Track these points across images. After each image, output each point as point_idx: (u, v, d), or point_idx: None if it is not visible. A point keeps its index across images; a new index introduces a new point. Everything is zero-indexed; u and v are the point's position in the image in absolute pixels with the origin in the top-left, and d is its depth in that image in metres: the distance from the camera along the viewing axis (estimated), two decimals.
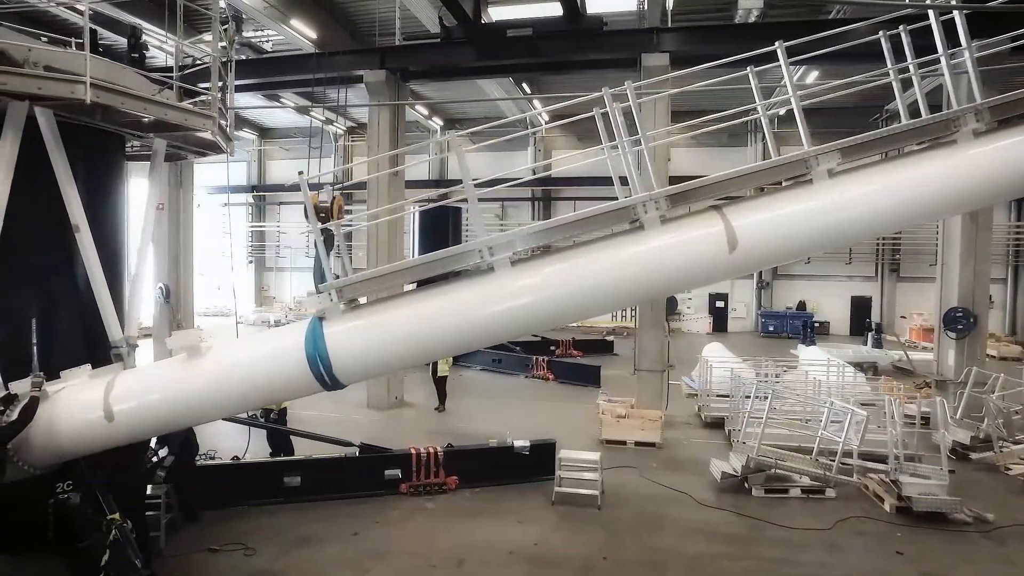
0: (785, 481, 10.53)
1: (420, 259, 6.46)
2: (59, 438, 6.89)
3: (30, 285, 8.13)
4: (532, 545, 8.73)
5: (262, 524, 9.15)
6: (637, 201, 6.49)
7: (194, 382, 6.74)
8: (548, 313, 6.68)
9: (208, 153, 10.65)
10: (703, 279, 6.91)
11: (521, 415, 15.38)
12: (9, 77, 6.92)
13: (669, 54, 13.90)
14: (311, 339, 6.47)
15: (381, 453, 10.37)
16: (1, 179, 7.32)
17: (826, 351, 19.46)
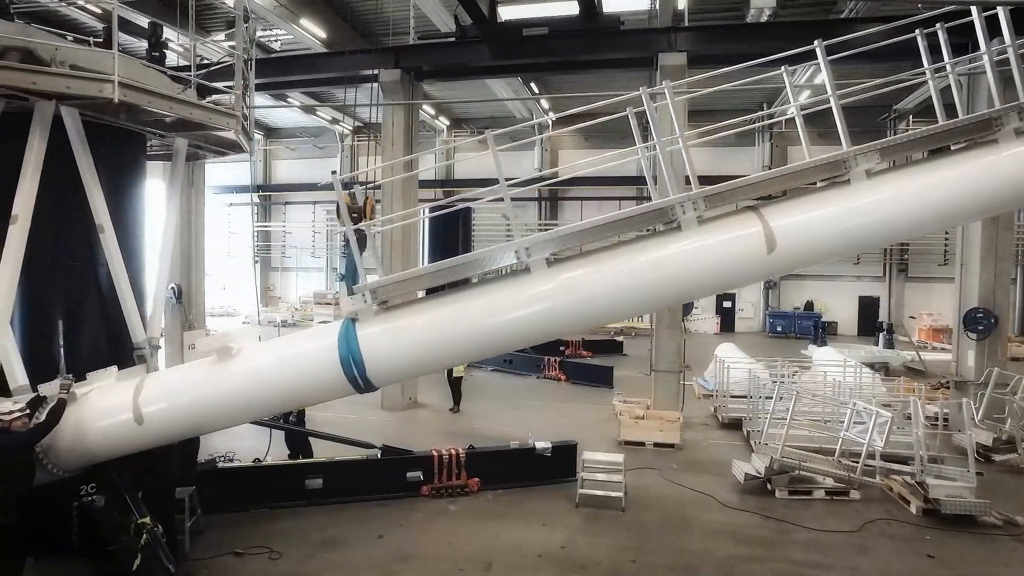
0: (808, 483, 10.46)
1: (458, 259, 6.39)
2: (88, 440, 6.83)
3: (53, 286, 8.09)
4: (559, 548, 8.66)
5: (286, 527, 9.07)
6: (676, 202, 6.43)
7: (225, 384, 6.68)
8: (586, 314, 6.61)
9: (227, 153, 10.61)
10: (740, 280, 6.85)
11: (536, 416, 15.33)
12: (39, 76, 6.87)
13: (686, 53, 13.77)
14: (344, 341, 6.40)
15: (403, 455, 10.29)
16: (29, 179, 7.27)
17: (839, 352, 19.38)
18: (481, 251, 6.38)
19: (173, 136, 9.47)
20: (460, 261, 6.41)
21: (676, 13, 17.60)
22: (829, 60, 6.55)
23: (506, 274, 6.70)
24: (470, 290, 6.60)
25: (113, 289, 8.40)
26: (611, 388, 18.73)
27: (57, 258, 8.02)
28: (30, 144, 7.30)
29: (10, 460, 6.23)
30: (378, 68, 15.11)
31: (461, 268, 6.40)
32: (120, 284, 8.40)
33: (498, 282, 6.61)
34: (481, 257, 6.36)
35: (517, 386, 18.90)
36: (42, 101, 7.28)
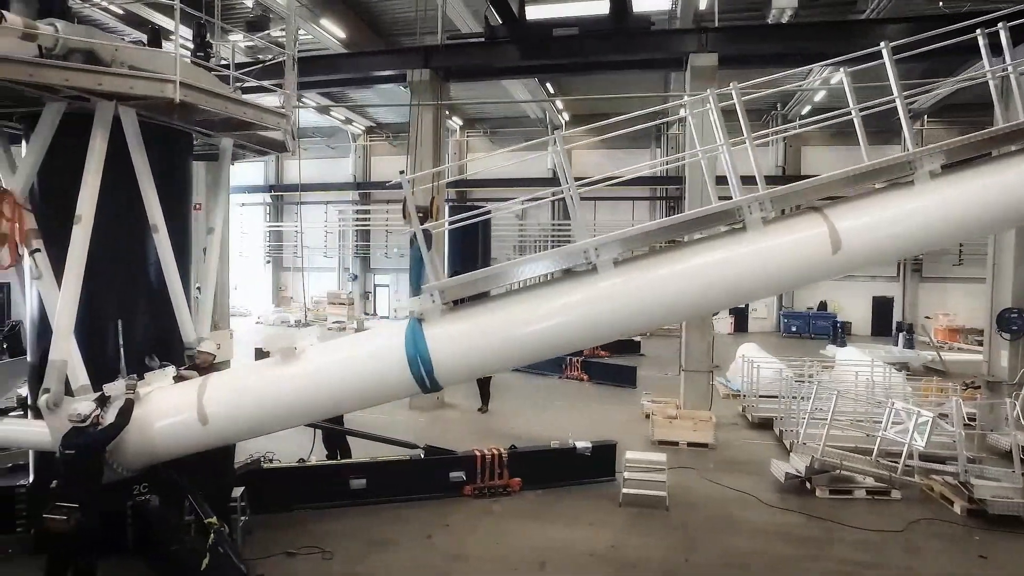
0: (849, 482, 10.48)
1: (528, 259, 6.40)
2: (153, 440, 6.85)
3: (108, 285, 8.08)
4: (609, 547, 8.67)
5: (333, 527, 9.07)
6: (744, 203, 6.46)
7: (290, 385, 6.70)
8: (653, 315, 6.67)
9: (269, 152, 10.62)
10: (804, 280, 6.87)
11: (564, 416, 15.34)
12: (104, 77, 6.89)
13: (717, 54, 13.79)
14: (412, 341, 6.43)
15: (446, 455, 10.30)
16: (92, 179, 7.29)
17: (863, 352, 19.41)
18: (554, 250, 6.39)
19: (219, 136, 9.49)
20: (529, 261, 6.42)
21: (697, 14, 17.69)
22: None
23: (569, 274, 6.73)
24: (536, 290, 6.62)
25: (164, 289, 8.44)
26: (634, 388, 18.76)
27: (112, 258, 8.03)
28: (92, 144, 7.32)
29: (88, 459, 6.28)
30: (406, 68, 15.11)
31: (530, 268, 6.41)
32: (172, 284, 8.42)
33: (564, 283, 6.63)
34: (552, 256, 6.37)
35: (540, 386, 18.91)
36: (103, 102, 7.30)
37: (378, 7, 21.81)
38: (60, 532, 6.20)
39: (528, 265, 6.42)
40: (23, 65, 6.55)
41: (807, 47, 15.45)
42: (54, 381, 6.82)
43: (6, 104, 7.67)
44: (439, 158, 15.32)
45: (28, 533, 8.47)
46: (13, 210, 7.40)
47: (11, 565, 7.96)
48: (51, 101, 7.34)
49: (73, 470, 6.34)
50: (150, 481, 7.70)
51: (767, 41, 15.13)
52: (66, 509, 6.15)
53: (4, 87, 6.76)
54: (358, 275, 36.11)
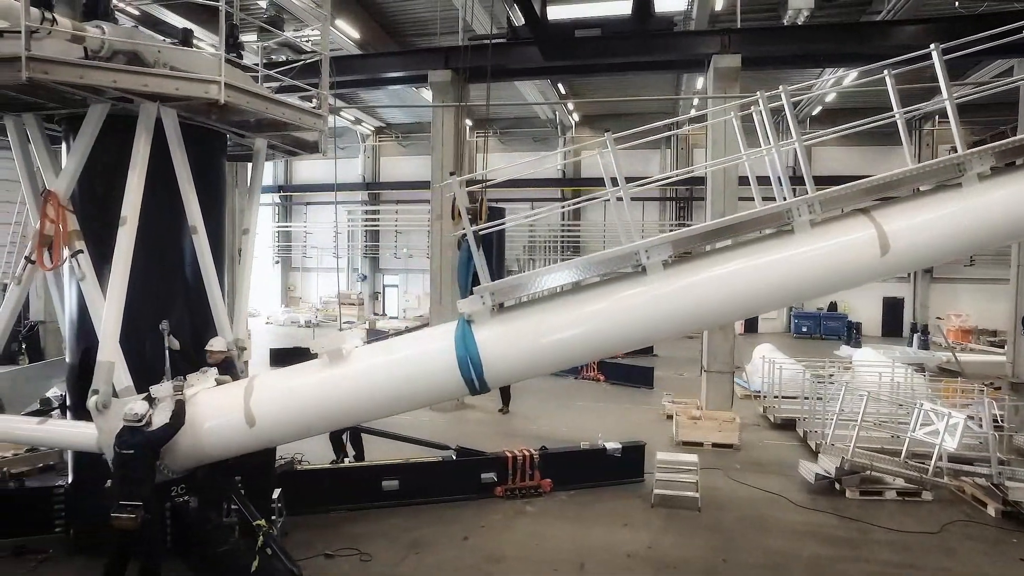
0: (879, 483, 10.49)
1: (581, 260, 6.42)
2: (201, 442, 6.85)
3: (149, 286, 8.08)
4: (646, 547, 8.68)
5: (368, 528, 9.08)
6: (793, 205, 6.47)
7: (338, 386, 6.72)
8: (701, 316, 6.68)
9: (298, 153, 10.62)
10: (852, 282, 6.87)
11: (584, 417, 15.36)
12: (150, 78, 6.90)
13: (740, 55, 13.79)
14: (462, 342, 6.44)
15: (477, 456, 10.31)
16: (136, 180, 7.30)
17: (880, 353, 19.42)
18: (606, 251, 6.41)
19: (252, 137, 9.50)
20: (583, 262, 6.43)
21: (713, 14, 17.70)
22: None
23: (618, 276, 6.73)
24: (585, 292, 6.63)
25: (201, 290, 8.45)
26: (651, 388, 18.78)
27: (152, 259, 8.03)
28: (136, 145, 7.33)
29: (146, 458, 6.31)
30: (428, 69, 15.11)
31: (584, 268, 6.42)
32: (211, 285, 8.44)
33: (613, 284, 6.65)
34: (606, 258, 6.38)
35: (558, 387, 18.90)
36: (147, 103, 7.31)
37: (392, 8, 21.82)
38: (127, 530, 6.23)
39: (579, 267, 6.42)
40: (74, 67, 6.56)
41: (827, 48, 15.51)
42: (102, 382, 6.83)
43: (50, 106, 7.67)
44: (460, 159, 15.30)
45: (67, 534, 8.50)
46: (57, 211, 7.41)
47: (51, 565, 7.99)
48: (95, 103, 7.35)
49: (130, 469, 6.37)
50: (188, 482, 7.71)
51: (789, 42, 15.14)
52: (132, 507, 6.18)
53: (51, 89, 6.76)
54: (367, 275, 36.11)
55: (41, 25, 6.46)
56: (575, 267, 6.43)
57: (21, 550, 8.09)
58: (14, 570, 7.78)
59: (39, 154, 7.90)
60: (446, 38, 20.25)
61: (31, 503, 8.67)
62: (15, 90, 7.00)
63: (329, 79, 9.52)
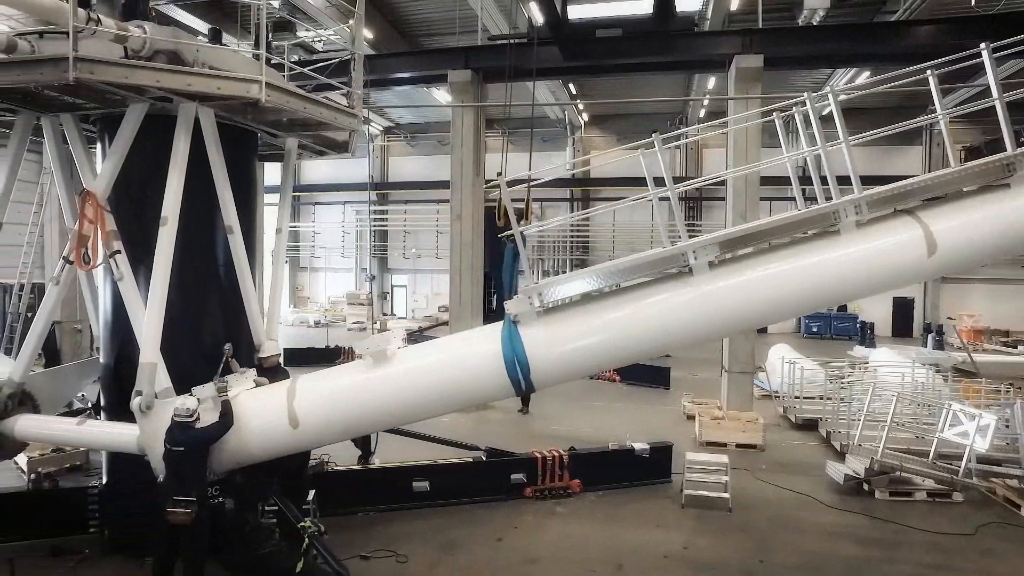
0: (908, 484, 10.47)
1: (630, 260, 6.40)
2: (245, 443, 6.82)
3: (184, 287, 8.05)
4: (682, 548, 8.66)
5: (401, 530, 9.05)
6: (840, 205, 6.45)
7: (383, 388, 6.70)
8: (747, 317, 6.68)
9: (327, 153, 10.59)
10: (898, 283, 6.85)
11: (603, 417, 15.36)
12: (193, 78, 6.87)
13: (763, 56, 13.76)
14: (508, 342, 6.42)
15: (507, 457, 10.29)
16: (176, 180, 7.27)
17: (896, 353, 19.40)
18: (653, 252, 6.38)
19: (284, 136, 9.48)
20: (631, 263, 6.41)
21: (728, 14, 17.68)
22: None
23: (663, 277, 6.71)
24: (630, 293, 6.61)
25: (235, 290, 8.42)
26: (668, 388, 18.79)
27: (188, 259, 7.99)
28: (176, 145, 7.30)
29: (196, 455, 6.31)
30: (447, 69, 15.10)
31: (632, 270, 6.40)
32: (246, 286, 8.42)
33: (658, 285, 6.62)
34: (654, 258, 6.36)
35: (575, 387, 18.77)
36: (187, 102, 7.29)
37: (406, 8, 21.83)
38: (181, 525, 6.23)
39: (626, 268, 6.40)
40: (120, 67, 6.54)
41: (846, 48, 15.50)
42: (145, 384, 6.80)
43: (87, 106, 7.66)
44: (480, 159, 15.29)
45: (101, 534, 8.48)
46: (95, 212, 7.38)
47: (88, 565, 7.97)
48: (135, 102, 7.32)
49: (181, 466, 6.36)
50: (224, 484, 7.69)
51: (810, 43, 15.12)
52: (186, 503, 6.19)
53: (94, 89, 6.75)
54: (375, 275, 36.07)
55: (87, 25, 6.42)
56: (622, 268, 6.41)
57: (58, 550, 8.08)
58: (53, 570, 7.77)
59: (77, 155, 7.88)
60: (454, 38, 20.30)
61: (65, 503, 8.66)
62: (58, 90, 7.02)
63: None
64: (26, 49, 7.02)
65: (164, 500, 6.43)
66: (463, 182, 15.11)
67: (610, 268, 6.39)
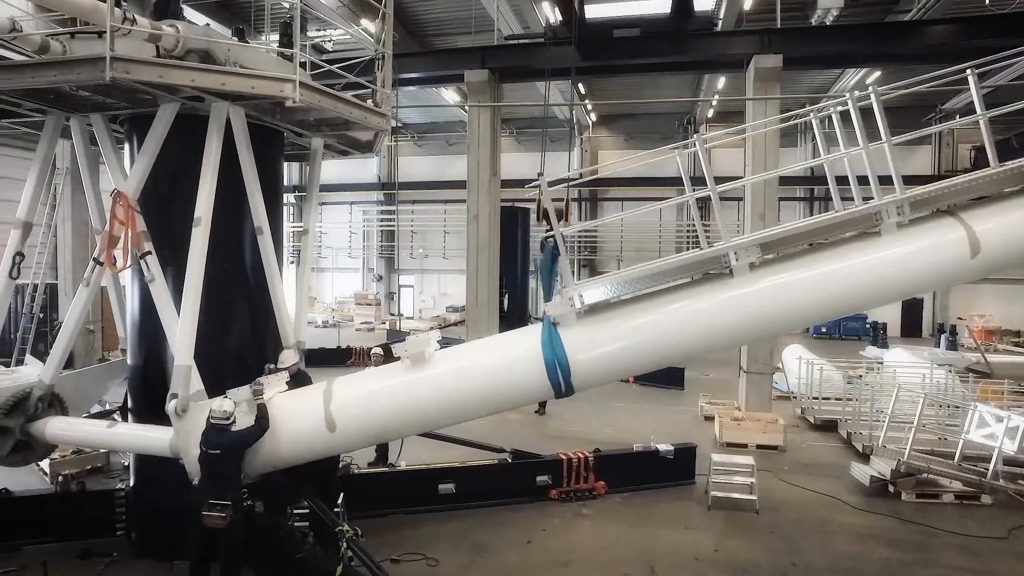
0: (935, 486, 10.42)
1: (673, 262, 6.35)
2: (279, 446, 6.76)
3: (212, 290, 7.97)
4: (713, 551, 8.61)
5: (429, 532, 9.00)
6: (883, 207, 6.40)
7: (421, 390, 6.64)
8: (789, 318, 6.61)
9: (351, 153, 10.56)
10: (940, 284, 6.94)
11: (620, 417, 15.30)
12: (228, 77, 6.81)
13: (782, 56, 13.71)
14: (549, 345, 6.36)
15: (533, 459, 10.23)
16: (209, 180, 7.22)
17: (910, 354, 19.35)
18: (697, 253, 6.33)
19: (310, 136, 9.43)
20: (675, 264, 6.36)
21: (741, 14, 17.62)
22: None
23: (702, 278, 6.65)
24: (670, 295, 6.55)
25: (264, 291, 8.37)
26: (682, 389, 18.73)
27: (218, 260, 7.93)
28: (208, 145, 7.25)
29: (233, 459, 6.26)
30: (464, 69, 15.04)
31: (675, 271, 6.35)
32: (274, 287, 8.36)
33: (698, 286, 6.56)
34: (697, 260, 6.31)
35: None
36: (219, 102, 7.23)
37: (416, 9, 21.77)
38: (218, 529, 6.17)
39: (669, 269, 6.35)
40: (155, 67, 6.48)
41: (864, 48, 15.44)
42: (181, 387, 6.74)
43: (118, 106, 7.60)
44: (497, 159, 15.23)
45: (128, 537, 8.43)
46: (126, 213, 7.32)
47: (117, 568, 7.92)
48: (166, 102, 7.27)
49: (217, 470, 6.31)
50: (255, 487, 7.63)
51: (828, 42, 15.08)
52: (222, 506, 6.13)
53: (127, 89, 6.69)
54: (383, 276, 36.04)
55: (122, 25, 6.37)
56: (665, 270, 6.36)
57: (88, 553, 8.04)
58: (83, 572, 7.73)
59: (107, 155, 7.80)
60: (463, 38, 20.24)
61: (93, 506, 8.60)
62: (91, 90, 6.96)
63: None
64: (58, 50, 7.02)
65: (200, 504, 6.38)
66: (480, 182, 15.06)
67: (653, 270, 6.33)
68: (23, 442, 7.76)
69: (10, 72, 6.58)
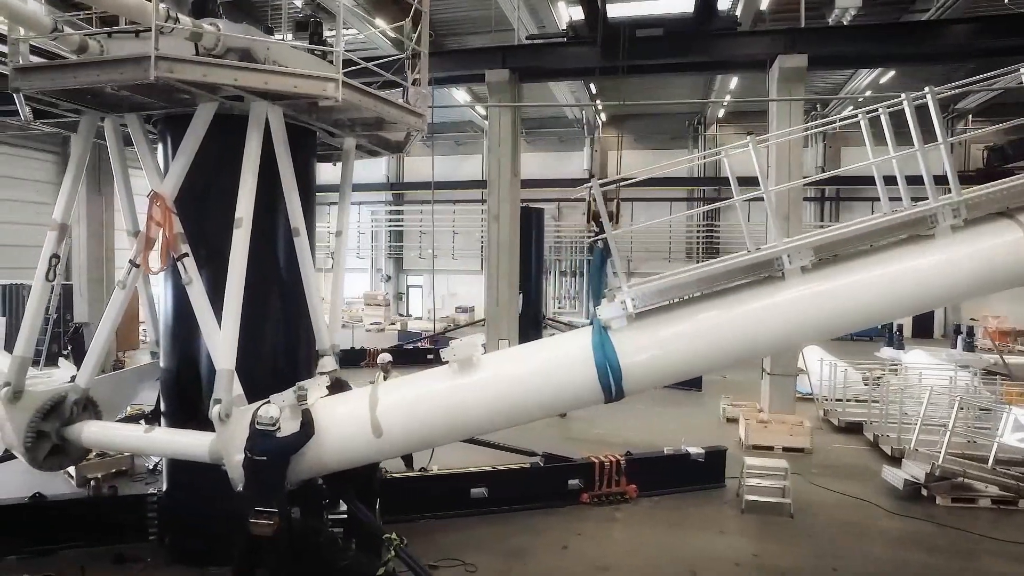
0: (971, 490, 10.31)
1: (725, 265, 6.25)
2: (324, 452, 6.65)
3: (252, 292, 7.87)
4: (752, 556, 8.52)
5: (462, 537, 8.88)
6: (938, 209, 6.30)
7: (470, 395, 6.54)
8: (841, 322, 6.53)
9: (382, 153, 10.48)
10: (1000, 287, 6.67)
11: (641, 419, 15.17)
12: (271, 76, 6.71)
13: (807, 55, 13.61)
14: (600, 348, 6.26)
15: (564, 463, 10.14)
16: (250, 180, 7.12)
17: (929, 355, 19.25)
18: (751, 255, 6.22)
19: (343, 136, 9.33)
20: (725, 267, 6.26)
21: (758, 13, 17.53)
22: None
23: (753, 281, 6.55)
24: (720, 298, 6.44)
25: (300, 294, 8.27)
26: (700, 390, 18.59)
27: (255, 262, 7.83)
28: (248, 145, 7.14)
29: (279, 465, 6.16)
30: (485, 68, 14.94)
31: (729, 274, 6.25)
32: (310, 289, 8.27)
33: (749, 290, 6.45)
34: (753, 262, 6.20)
35: None
36: (259, 101, 7.13)
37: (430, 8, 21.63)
38: (264, 537, 6.08)
39: (724, 272, 6.25)
40: (198, 66, 6.39)
41: (885, 48, 15.33)
42: (224, 391, 6.63)
43: (156, 106, 7.50)
44: (517, 159, 15.13)
45: (160, 542, 8.33)
46: (164, 214, 7.22)
47: (151, 573, 7.82)
48: (205, 101, 7.16)
49: (263, 476, 6.21)
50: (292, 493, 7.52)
51: (850, 43, 14.98)
52: (269, 514, 6.03)
53: (168, 88, 6.59)
54: (391, 276, 35.93)
55: (165, 23, 6.27)
56: (719, 273, 6.26)
57: (121, 558, 7.94)
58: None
59: (142, 156, 7.69)
60: (476, 38, 20.13)
61: (125, 510, 8.50)
62: (131, 89, 6.86)
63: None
64: (96, 50, 6.91)
65: (244, 511, 6.28)
66: (500, 183, 14.96)
67: (708, 273, 6.23)
68: (58, 447, 7.67)
69: (54, 72, 6.50)
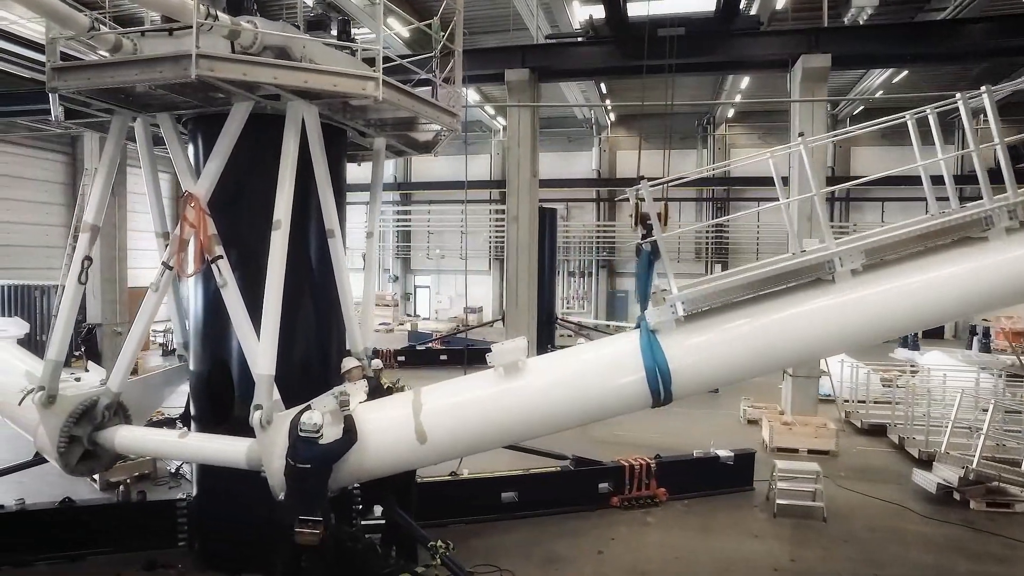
0: (1005, 495, 10.19)
1: (776, 268, 6.14)
2: (366, 459, 6.53)
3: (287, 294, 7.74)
4: (790, 561, 8.40)
5: (496, 542, 8.77)
6: (992, 211, 6.19)
7: (517, 400, 6.44)
8: (892, 326, 6.51)
9: (409, 153, 10.38)
10: None
11: (662, 421, 14.84)
12: (311, 75, 6.59)
13: (831, 55, 13.49)
14: (649, 352, 6.16)
15: (595, 466, 10.02)
16: (288, 181, 7.01)
17: (948, 356, 19.15)
18: (800, 258, 6.12)
19: (374, 135, 9.22)
20: (775, 271, 6.15)
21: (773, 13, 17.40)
22: None
23: (799, 285, 6.43)
24: (769, 302, 6.33)
25: (334, 296, 8.15)
26: (716, 392, 18.41)
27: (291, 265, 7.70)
28: (285, 146, 7.04)
29: (322, 472, 6.05)
30: (504, 68, 14.81)
31: (779, 278, 6.14)
32: (344, 291, 8.15)
33: (799, 293, 6.34)
34: (803, 265, 6.10)
35: None
36: (297, 100, 7.01)
37: (439, 8, 21.49)
38: (311, 546, 5.96)
39: (775, 275, 6.15)
40: (238, 64, 6.27)
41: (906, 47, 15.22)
42: (264, 397, 6.51)
43: (187, 105, 7.38)
44: (536, 160, 15.01)
45: (190, 548, 8.21)
46: (197, 215, 7.10)
47: None
48: (240, 100, 7.04)
49: (306, 484, 6.09)
50: None
51: (872, 42, 14.87)
52: (314, 523, 5.92)
53: (205, 86, 6.48)
54: (398, 276, 35.81)
55: (205, 21, 6.15)
56: (769, 277, 6.15)
57: (152, 564, 7.82)
58: None
59: (175, 156, 7.58)
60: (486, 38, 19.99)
61: (155, 516, 8.38)
62: (167, 88, 6.74)
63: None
64: (129, 48, 6.77)
65: (286, 519, 6.16)
66: (520, 183, 14.83)
67: (758, 276, 6.12)
68: (88, 452, 7.56)
69: (91, 71, 6.39)
